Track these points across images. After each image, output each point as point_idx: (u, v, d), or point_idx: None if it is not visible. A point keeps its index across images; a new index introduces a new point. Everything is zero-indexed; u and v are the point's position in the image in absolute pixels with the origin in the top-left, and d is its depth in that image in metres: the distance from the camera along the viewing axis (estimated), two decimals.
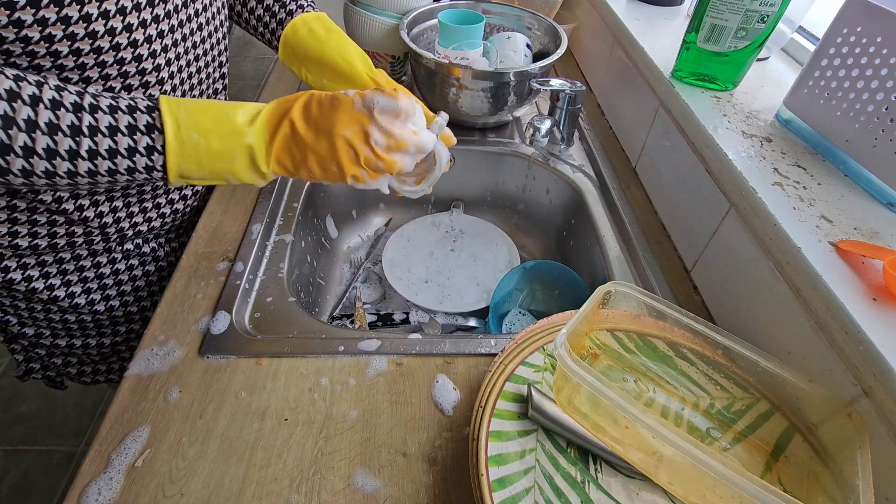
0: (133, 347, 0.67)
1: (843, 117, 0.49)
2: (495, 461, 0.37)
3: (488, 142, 0.82)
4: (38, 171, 0.36)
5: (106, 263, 0.60)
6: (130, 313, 0.65)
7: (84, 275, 0.59)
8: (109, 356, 0.70)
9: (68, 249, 0.56)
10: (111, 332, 0.66)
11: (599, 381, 0.33)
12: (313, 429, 0.44)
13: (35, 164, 0.35)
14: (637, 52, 0.72)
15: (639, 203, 0.71)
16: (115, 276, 0.61)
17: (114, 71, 0.44)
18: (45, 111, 0.35)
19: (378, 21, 0.81)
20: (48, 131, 0.35)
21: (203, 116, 0.39)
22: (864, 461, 0.32)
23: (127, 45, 0.44)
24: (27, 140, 0.34)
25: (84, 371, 0.70)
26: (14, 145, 0.34)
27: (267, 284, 0.57)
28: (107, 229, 0.55)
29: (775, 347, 0.45)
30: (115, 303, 0.63)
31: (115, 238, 0.57)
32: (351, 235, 0.85)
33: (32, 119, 0.34)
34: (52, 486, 1.19)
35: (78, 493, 0.39)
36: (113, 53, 0.43)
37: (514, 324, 0.71)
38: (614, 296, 0.43)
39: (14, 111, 0.33)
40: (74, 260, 0.57)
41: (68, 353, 0.67)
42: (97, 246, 0.57)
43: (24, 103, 0.34)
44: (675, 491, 0.37)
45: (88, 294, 0.60)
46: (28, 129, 0.34)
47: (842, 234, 0.43)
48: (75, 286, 0.58)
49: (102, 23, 0.41)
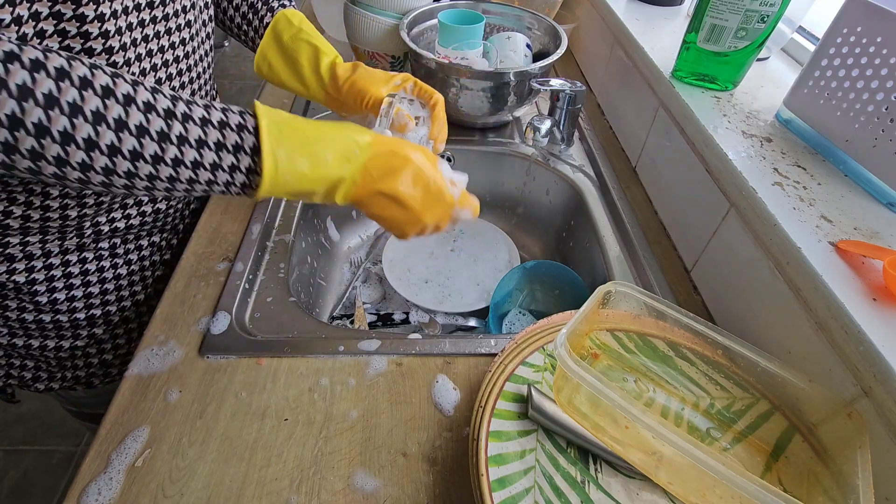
0: (90, 354, 0.63)
1: (843, 117, 0.49)
2: (495, 461, 0.37)
3: (488, 142, 0.82)
4: (119, 171, 0.34)
5: (76, 262, 0.56)
6: (93, 316, 0.61)
7: (51, 273, 0.55)
8: (66, 360, 0.64)
9: (38, 244, 0.52)
10: (71, 335, 0.61)
11: (599, 381, 0.33)
12: (313, 429, 0.44)
13: (119, 163, 0.33)
14: (637, 52, 0.72)
15: (639, 203, 0.71)
16: (84, 277, 0.58)
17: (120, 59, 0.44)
18: (138, 113, 0.33)
19: (378, 21, 0.81)
20: (137, 133, 0.33)
21: (301, 161, 0.38)
22: (864, 461, 0.32)
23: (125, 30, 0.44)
24: (114, 139, 0.32)
25: (39, 377, 0.64)
26: (101, 142, 0.32)
27: (267, 284, 0.57)
28: (83, 224, 0.53)
29: (775, 347, 0.45)
30: (79, 304, 0.59)
31: (89, 236, 0.55)
32: (351, 235, 0.85)
33: (123, 119, 0.32)
34: (52, 486, 1.19)
35: (78, 493, 0.39)
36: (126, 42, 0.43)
37: (514, 324, 0.71)
38: (614, 296, 0.43)
39: (106, 108, 0.32)
40: (44, 256, 0.54)
41: (24, 354, 0.62)
42: (69, 243, 0.54)
43: (118, 102, 0.33)
44: (675, 491, 0.37)
45: (52, 293, 0.56)
46: (117, 129, 0.32)
47: (842, 234, 0.43)
48: (39, 284, 0.55)
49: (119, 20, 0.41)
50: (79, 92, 0.31)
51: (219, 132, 0.36)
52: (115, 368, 0.66)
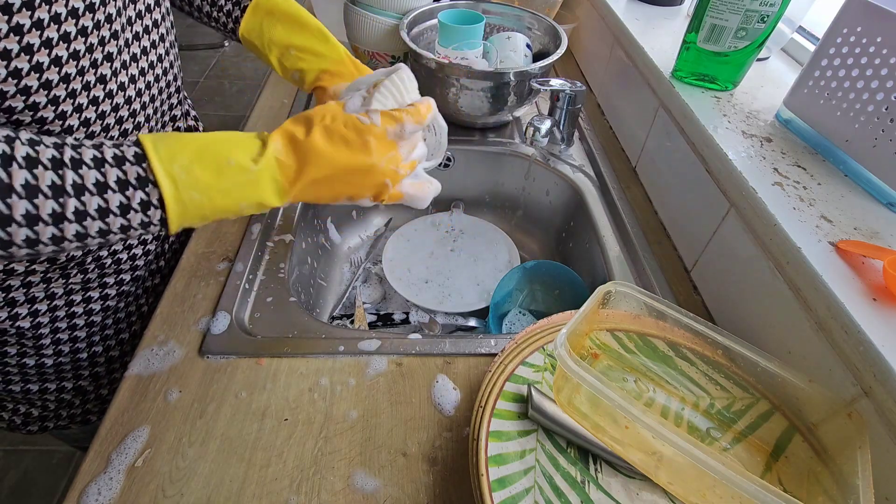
0: (87, 392, 0.60)
1: (843, 117, 0.49)
2: (495, 461, 0.37)
3: (488, 142, 0.82)
4: (43, 238, 0.31)
5: (80, 302, 0.54)
6: (95, 354, 0.59)
7: (55, 314, 0.53)
8: (66, 401, 0.61)
9: (42, 285, 0.50)
10: (72, 376, 0.59)
11: (599, 381, 0.33)
12: (313, 429, 0.44)
13: (16, 232, 0.30)
14: (637, 52, 0.72)
15: (639, 203, 0.71)
16: (88, 317, 0.55)
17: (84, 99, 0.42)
18: (21, 171, 0.29)
19: (378, 21, 0.81)
20: (26, 195, 0.29)
21: (202, 170, 0.34)
22: (864, 461, 0.32)
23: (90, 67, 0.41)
24: (12, 205, 0.29)
25: (31, 419, 0.60)
26: (14, 214, 0.29)
27: (267, 284, 0.57)
28: (85, 260, 0.51)
29: (775, 347, 0.45)
30: (82, 345, 0.57)
31: (93, 271, 0.53)
32: (351, 236, 0.85)
33: (6, 182, 0.29)
34: (52, 486, 1.19)
35: (78, 493, 0.39)
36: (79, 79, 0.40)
37: (514, 324, 0.71)
38: (614, 296, 0.43)
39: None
40: (48, 299, 0.51)
41: (21, 399, 0.58)
42: (73, 282, 0.52)
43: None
44: (675, 491, 0.37)
45: (55, 333, 0.54)
46: (3, 196, 0.29)
47: (842, 234, 0.43)
48: (43, 328, 0.52)
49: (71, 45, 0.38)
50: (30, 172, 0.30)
51: (118, 169, 0.32)
52: None
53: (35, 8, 0.36)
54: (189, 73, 2.71)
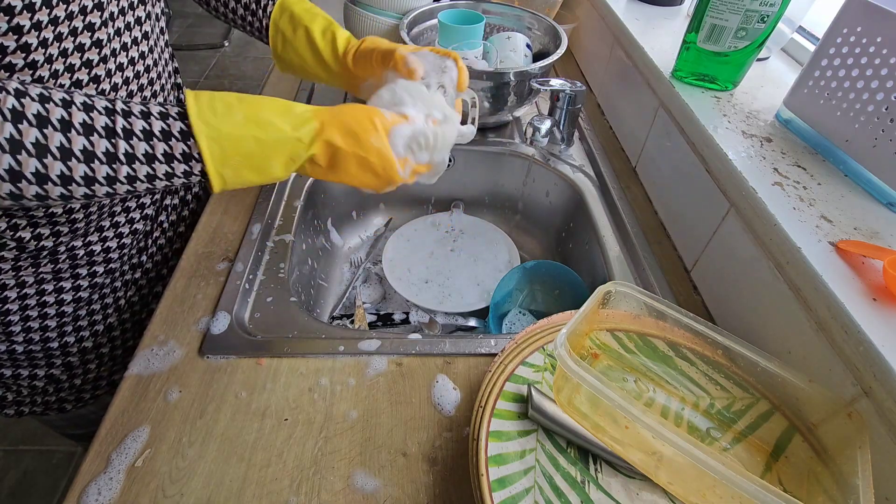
0: (61, 380, 0.61)
1: (843, 117, 0.49)
2: (495, 461, 0.37)
3: (488, 142, 0.82)
4: (76, 178, 0.34)
5: (51, 291, 0.55)
6: (66, 344, 0.59)
7: (25, 302, 0.53)
8: (39, 388, 0.61)
9: (11, 272, 0.51)
10: (45, 363, 0.59)
11: (599, 381, 0.33)
12: (313, 429, 0.44)
13: (74, 167, 0.34)
14: (637, 52, 0.72)
15: (639, 203, 0.71)
16: (59, 307, 0.56)
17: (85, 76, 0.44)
18: (79, 112, 0.34)
19: (378, 21, 0.81)
20: (83, 131, 0.33)
21: (246, 144, 0.38)
22: (864, 461, 0.32)
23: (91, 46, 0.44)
24: (63, 140, 0.33)
25: (5, 402, 0.61)
26: (51, 146, 0.33)
27: (267, 284, 0.57)
28: (57, 250, 0.51)
29: (775, 347, 0.45)
30: (53, 334, 0.57)
31: (64, 261, 0.53)
32: (351, 236, 0.85)
33: (67, 119, 0.33)
34: (52, 486, 1.19)
35: (78, 493, 0.39)
36: (78, 55, 0.43)
37: (514, 324, 0.71)
38: (614, 296, 0.43)
39: (48, 112, 0.33)
40: (18, 286, 0.52)
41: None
42: (44, 271, 0.53)
43: (57, 104, 0.33)
44: (675, 491, 0.37)
45: (26, 321, 0.54)
46: (63, 129, 0.33)
47: (842, 234, 0.43)
48: (13, 315, 0.53)
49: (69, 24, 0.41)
50: (65, 110, 0.33)
51: (162, 122, 0.36)
52: (88, 393, 0.65)
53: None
54: (189, 73, 2.71)
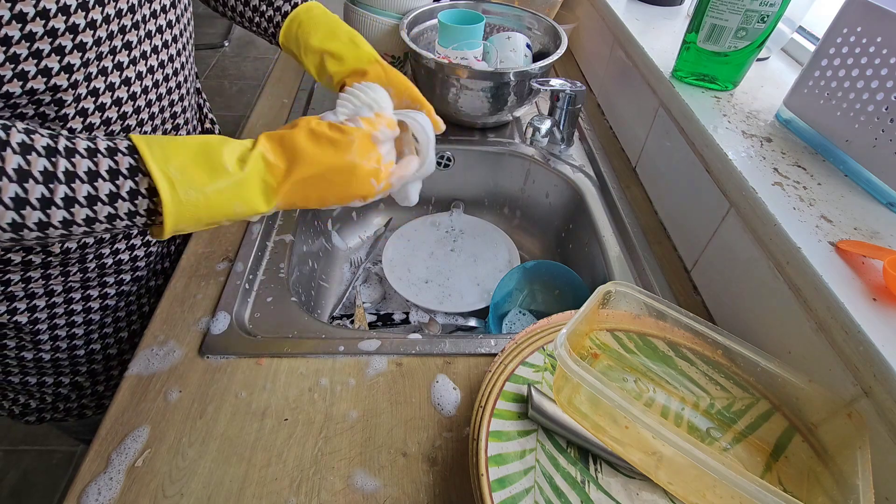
0: (83, 387, 0.61)
1: (843, 117, 0.49)
2: (495, 461, 0.37)
3: (488, 142, 0.82)
4: (29, 223, 0.32)
5: (79, 300, 0.55)
6: (92, 352, 0.59)
7: (53, 311, 0.53)
8: (62, 395, 0.61)
9: (41, 281, 0.51)
10: (70, 371, 0.60)
11: (599, 381, 0.33)
12: (313, 429, 0.44)
13: (2, 215, 0.31)
14: (637, 52, 0.72)
15: (639, 203, 0.71)
16: (86, 314, 0.56)
17: (91, 104, 0.43)
18: (14, 156, 0.30)
19: (378, 21, 0.81)
20: (17, 179, 0.30)
21: (196, 169, 0.34)
22: (864, 461, 0.32)
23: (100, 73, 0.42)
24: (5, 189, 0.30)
25: (29, 410, 0.62)
26: (3, 197, 0.30)
27: (267, 284, 0.57)
28: (85, 257, 0.51)
29: (775, 347, 0.45)
30: (80, 342, 0.57)
31: (93, 270, 0.53)
32: (351, 236, 0.85)
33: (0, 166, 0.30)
34: (52, 486, 1.19)
35: (78, 493, 0.39)
36: (85, 84, 0.42)
37: (514, 324, 0.71)
38: (614, 296, 0.43)
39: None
40: (46, 295, 0.52)
41: (20, 390, 0.60)
42: (73, 280, 0.53)
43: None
44: (675, 491, 0.37)
45: (53, 330, 0.54)
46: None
47: (842, 234, 0.43)
48: (41, 323, 0.53)
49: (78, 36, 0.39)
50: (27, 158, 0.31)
51: (110, 160, 0.33)
52: (108, 399, 0.64)
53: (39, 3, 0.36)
54: None
